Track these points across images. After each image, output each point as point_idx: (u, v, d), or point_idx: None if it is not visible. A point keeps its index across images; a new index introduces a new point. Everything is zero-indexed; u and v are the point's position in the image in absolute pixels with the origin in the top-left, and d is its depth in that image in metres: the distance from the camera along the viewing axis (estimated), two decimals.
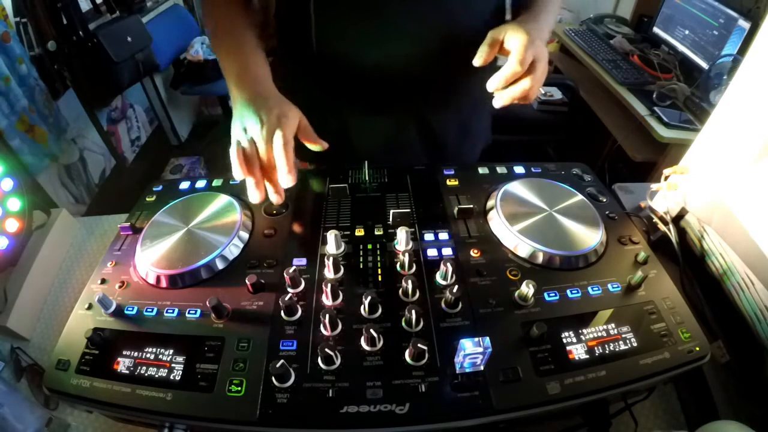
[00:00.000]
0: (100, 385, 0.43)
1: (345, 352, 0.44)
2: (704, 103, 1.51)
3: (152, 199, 0.66)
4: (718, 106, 0.63)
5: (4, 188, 0.65)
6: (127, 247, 0.58)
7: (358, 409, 0.40)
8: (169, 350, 0.45)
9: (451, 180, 0.67)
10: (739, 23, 1.52)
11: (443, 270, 0.50)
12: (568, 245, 0.54)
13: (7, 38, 1.41)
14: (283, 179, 0.52)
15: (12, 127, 1.45)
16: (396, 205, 0.62)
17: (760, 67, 0.55)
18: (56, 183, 1.72)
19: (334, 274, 0.52)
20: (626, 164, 1.76)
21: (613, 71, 1.77)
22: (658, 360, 0.45)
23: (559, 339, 0.46)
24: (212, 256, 0.53)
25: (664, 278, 0.53)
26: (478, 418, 0.41)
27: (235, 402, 0.41)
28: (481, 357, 0.40)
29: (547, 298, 0.49)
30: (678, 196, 0.68)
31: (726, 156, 0.61)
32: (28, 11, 1.50)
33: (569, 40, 2.15)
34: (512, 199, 0.60)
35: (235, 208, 0.59)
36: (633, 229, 0.59)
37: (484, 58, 0.59)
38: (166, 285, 0.52)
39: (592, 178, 0.68)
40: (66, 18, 1.62)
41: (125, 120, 2.18)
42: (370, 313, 0.48)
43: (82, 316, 0.50)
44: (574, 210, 0.58)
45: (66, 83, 1.71)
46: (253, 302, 0.50)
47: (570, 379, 0.43)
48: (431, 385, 0.42)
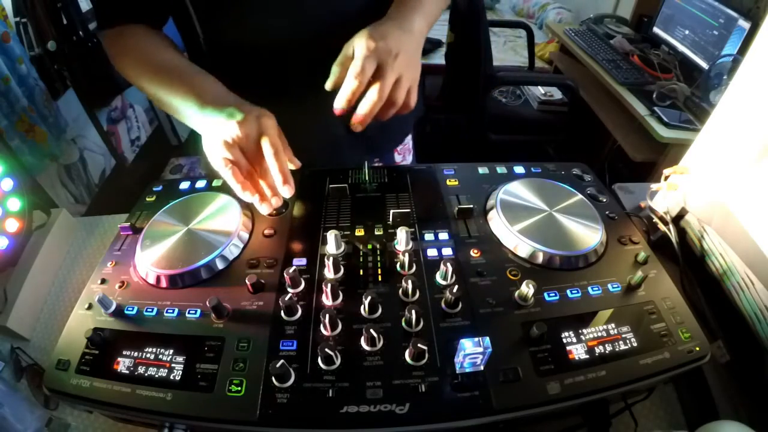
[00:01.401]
0: (100, 385, 0.43)
1: (345, 352, 0.44)
2: (704, 103, 1.51)
3: (152, 199, 0.66)
4: (718, 106, 0.63)
5: (4, 188, 0.65)
6: (127, 247, 0.58)
7: (358, 409, 0.40)
8: (169, 350, 0.45)
9: (451, 180, 0.67)
10: (739, 23, 1.52)
11: (443, 270, 0.50)
12: (568, 245, 0.54)
13: (7, 38, 1.41)
14: (281, 191, 0.51)
15: (12, 127, 1.45)
16: (396, 205, 0.62)
17: (760, 67, 0.55)
18: (56, 183, 1.72)
19: (334, 274, 0.52)
20: (626, 164, 1.76)
21: (613, 71, 1.78)
22: (658, 360, 0.45)
23: (559, 339, 0.46)
24: (212, 256, 0.53)
25: (664, 278, 0.53)
26: (478, 418, 0.41)
27: (235, 402, 0.41)
28: (481, 357, 0.40)
29: (547, 298, 0.49)
30: (678, 196, 0.68)
31: (726, 156, 0.61)
32: (28, 11, 1.50)
33: (569, 40, 2.15)
34: (512, 199, 0.60)
35: (235, 208, 0.59)
36: (633, 229, 0.59)
37: (334, 80, 0.54)
38: (166, 285, 0.52)
39: (592, 178, 0.68)
40: (66, 18, 1.62)
41: (125, 120, 2.17)
42: (370, 313, 0.48)
43: (82, 316, 0.50)
44: (574, 210, 0.58)
45: (66, 83, 1.71)
46: (253, 302, 0.50)
47: (570, 379, 0.43)
48: (431, 385, 0.42)
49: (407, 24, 0.58)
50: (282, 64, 0.68)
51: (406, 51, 0.55)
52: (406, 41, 0.56)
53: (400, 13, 0.59)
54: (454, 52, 1.87)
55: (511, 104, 2.13)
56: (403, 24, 0.57)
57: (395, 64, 0.53)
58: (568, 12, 2.73)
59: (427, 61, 2.48)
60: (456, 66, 1.90)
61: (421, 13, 0.60)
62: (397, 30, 0.56)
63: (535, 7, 3.01)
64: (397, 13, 0.60)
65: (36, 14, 1.52)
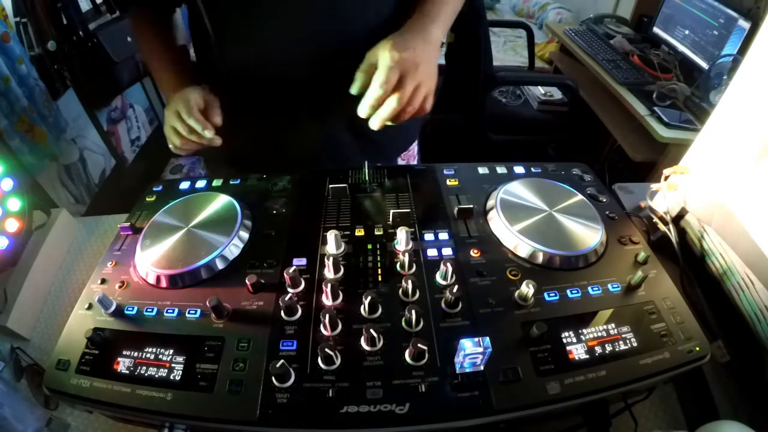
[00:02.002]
0: (100, 385, 0.43)
1: (345, 352, 0.44)
2: (704, 103, 1.51)
3: (152, 199, 0.66)
4: (718, 106, 0.63)
5: (4, 188, 0.65)
6: (127, 247, 0.58)
7: (358, 409, 0.40)
8: (169, 350, 0.45)
9: (451, 180, 0.67)
10: (739, 23, 1.52)
11: (443, 270, 0.50)
12: (568, 245, 0.54)
13: (7, 38, 1.41)
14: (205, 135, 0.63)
15: (12, 127, 1.45)
16: (396, 205, 0.62)
17: (760, 67, 0.55)
18: (56, 183, 1.71)
19: (334, 274, 0.52)
20: (626, 164, 1.76)
21: (613, 71, 1.78)
22: (658, 360, 0.45)
23: (559, 339, 0.46)
24: (212, 256, 0.53)
25: (664, 278, 0.53)
26: (478, 418, 0.41)
27: (235, 402, 0.41)
28: (481, 357, 0.40)
29: (547, 298, 0.49)
30: (678, 196, 0.68)
31: (726, 156, 0.61)
32: (28, 11, 1.50)
33: (569, 40, 2.15)
34: (512, 199, 0.60)
35: (235, 208, 0.59)
36: (633, 229, 0.59)
37: (360, 85, 0.59)
38: (166, 285, 0.52)
39: (592, 178, 0.68)
40: (66, 18, 1.62)
41: (125, 120, 2.17)
42: (370, 313, 0.48)
43: (82, 316, 0.50)
44: (574, 210, 0.58)
45: (66, 83, 1.71)
46: (253, 302, 0.50)
47: (570, 379, 0.43)
48: (431, 385, 0.42)
49: (428, 35, 0.61)
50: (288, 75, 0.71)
51: (428, 61, 0.59)
52: (428, 52, 0.60)
53: (421, 24, 0.62)
54: (454, 52, 1.87)
55: (511, 104, 2.13)
56: (425, 35, 0.61)
57: (416, 73, 0.58)
58: (568, 12, 2.73)
59: None
60: (456, 66, 1.89)
61: (440, 22, 0.64)
62: (420, 42, 0.59)
63: (535, 7, 3.01)
64: (418, 24, 0.62)
65: (36, 14, 1.52)
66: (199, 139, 0.65)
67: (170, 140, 0.68)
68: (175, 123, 0.65)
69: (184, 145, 0.67)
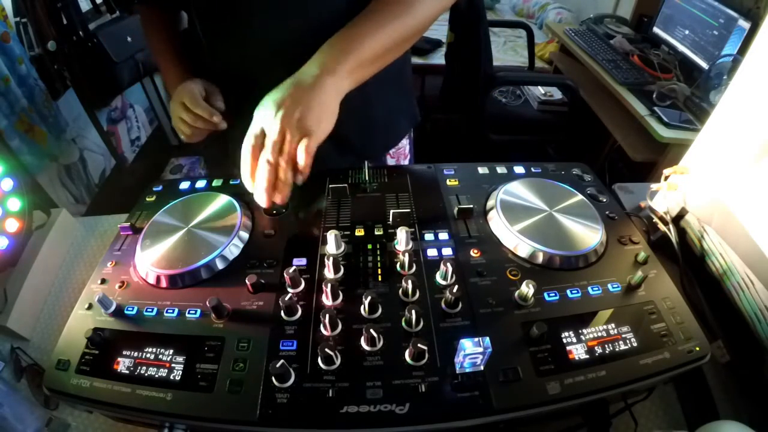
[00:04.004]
0: (100, 385, 0.43)
1: (345, 352, 0.44)
2: (704, 103, 1.51)
3: (152, 199, 0.66)
4: (718, 106, 0.63)
5: (4, 188, 0.65)
6: (127, 247, 0.58)
7: (358, 409, 0.40)
8: (169, 350, 0.45)
9: (451, 180, 0.67)
10: (739, 23, 1.52)
11: (443, 270, 0.50)
12: (568, 245, 0.54)
13: (7, 38, 1.41)
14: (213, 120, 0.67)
15: (12, 127, 1.45)
16: (396, 205, 0.62)
17: (760, 67, 0.55)
18: (56, 183, 1.72)
19: (334, 274, 0.52)
20: (626, 164, 1.76)
21: (613, 71, 1.77)
22: (658, 360, 0.45)
23: (559, 339, 0.46)
24: (212, 256, 0.53)
25: (664, 278, 0.53)
26: (478, 418, 0.41)
27: (235, 402, 0.41)
28: (481, 357, 0.40)
29: (547, 298, 0.49)
30: (678, 196, 0.68)
31: (726, 156, 0.61)
32: (28, 11, 1.50)
33: (569, 40, 2.15)
34: (512, 199, 0.60)
35: (235, 208, 0.59)
36: (633, 229, 0.59)
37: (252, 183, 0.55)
38: (166, 285, 0.52)
39: (592, 178, 0.68)
40: (66, 18, 1.62)
41: (125, 120, 2.17)
42: (370, 313, 0.48)
43: (82, 316, 0.50)
44: (574, 210, 0.58)
45: (66, 83, 1.71)
46: (253, 302, 0.50)
47: (570, 379, 0.43)
48: (431, 385, 0.42)
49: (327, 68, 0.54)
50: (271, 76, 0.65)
51: (310, 108, 0.52)
52: (312, 98, 0.53)
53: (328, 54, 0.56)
54: (454, 52, 1.87)
55: (511, 104, 2.13)
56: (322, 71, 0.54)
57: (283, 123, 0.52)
58: (568, 12, 2.73)
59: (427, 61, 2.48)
60: (456, 66, 1.90)
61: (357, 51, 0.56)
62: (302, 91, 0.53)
63: (535, 7, 3.01)
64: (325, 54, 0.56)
65: (36, 14, 1.52)
66: (205, 125, 0.68)
67: (180, 130, 0.71)
68: (182, 113, 0.69)
69: (193, 133, 0.70)
